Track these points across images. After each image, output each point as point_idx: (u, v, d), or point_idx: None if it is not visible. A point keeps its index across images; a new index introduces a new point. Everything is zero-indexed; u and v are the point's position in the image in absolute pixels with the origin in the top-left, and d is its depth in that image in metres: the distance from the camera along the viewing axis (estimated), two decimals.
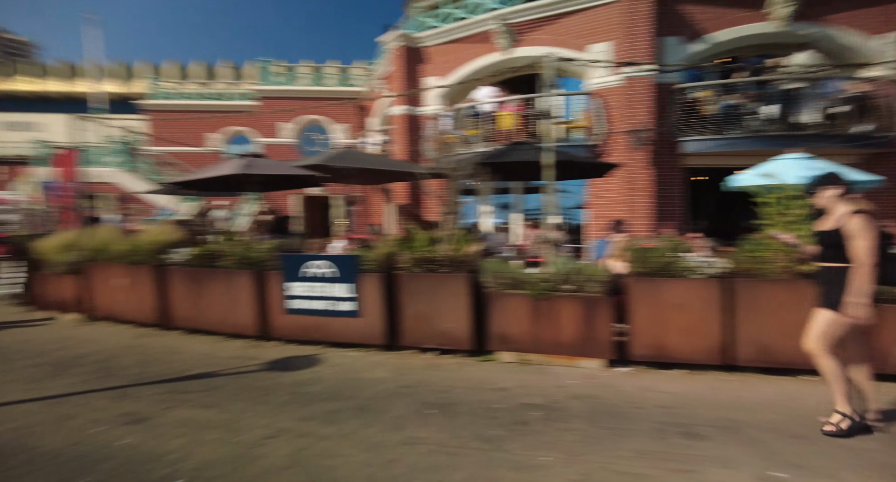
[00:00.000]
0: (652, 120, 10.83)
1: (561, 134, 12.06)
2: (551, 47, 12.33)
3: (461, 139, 13.26)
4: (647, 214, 10.91)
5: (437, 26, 14.38)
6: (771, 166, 6.44)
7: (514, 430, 3.77)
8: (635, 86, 10.94)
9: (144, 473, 3.17)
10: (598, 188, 11.69)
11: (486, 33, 13.43)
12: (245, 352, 5.98)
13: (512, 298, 5.36)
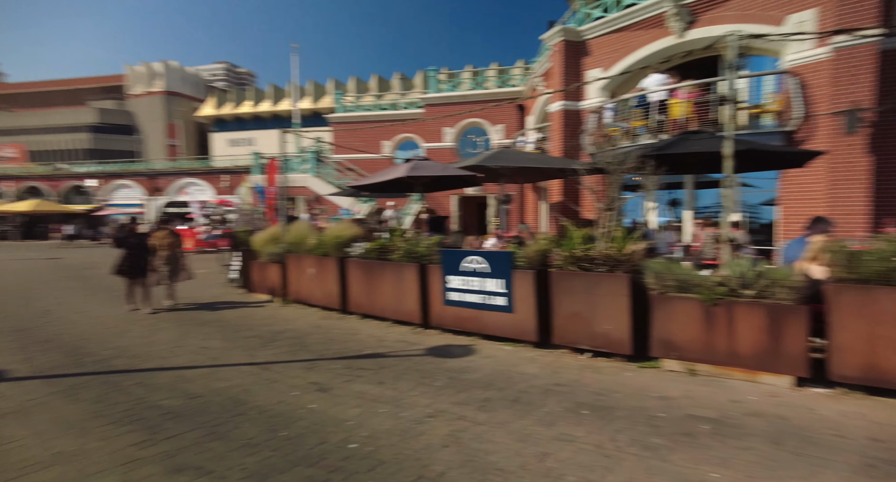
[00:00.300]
0: (873, 96, 8.94)
1: (747, 120, 10.69)
2: (736, 24, 10.97)
3: (625, 132, 12.55)
4: (862, 210, 9.07)
5: (602, 17, 13.80)
6: None
7: (678, 441, 3.47)
8: (853, 57, 9.10)
9: (327, 434, 3.65)
10: (793, 181, 10.07)
11: (658, 17, 12.49)
12: (409, 338, 6.49)
13: (680, 302, 4.92)
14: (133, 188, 41.30)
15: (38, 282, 12.22)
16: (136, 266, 8.27)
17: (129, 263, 8.23)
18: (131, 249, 8.29)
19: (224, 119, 55.46)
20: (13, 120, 61.67)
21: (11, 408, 4.12)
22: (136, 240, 8.39)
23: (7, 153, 56.60)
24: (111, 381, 4.80)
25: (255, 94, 55.89)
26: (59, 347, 6.07)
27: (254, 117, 54.43)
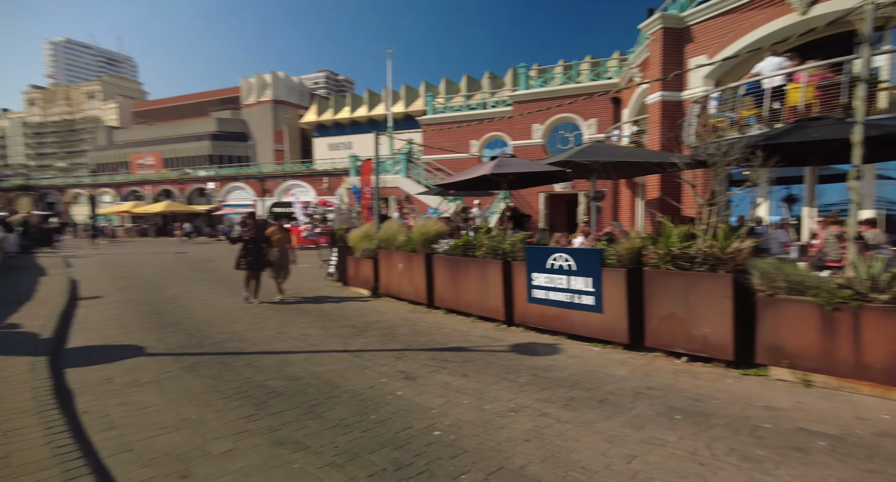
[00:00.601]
0: None
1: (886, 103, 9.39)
2: None
3: (733, 122, 11.58)
4: None
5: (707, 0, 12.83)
6: None
7: (786, 455, 3.17)
8: None
9: (412, 421, 3.79)
10: None
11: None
12: (492, 334, 6.52)
13: (793, 306, 4.47)
14: (245, 190, 45.40)
15: (168, 273, 13.86)
16: (255, 260, 8.72)
17: (248, 258, 8.68)
18: (250, 244, 8.68)
19: (324, 124, 59.10)
20: (153, 132, 70.57)
21: (149, 379, 4.74)
22: (255, 235, 8.78)
23: (147, 161, 64.84)
24: (225, 361, 5.34)
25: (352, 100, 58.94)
26: (184, 329, 6.86)
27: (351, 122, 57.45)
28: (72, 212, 54.80)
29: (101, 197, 53.23)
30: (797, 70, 10.27)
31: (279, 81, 67.53)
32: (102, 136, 76.56)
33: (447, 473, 3.00)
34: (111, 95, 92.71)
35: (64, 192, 57.17)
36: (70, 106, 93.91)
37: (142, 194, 50.63)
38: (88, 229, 30.33)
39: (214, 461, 3.12)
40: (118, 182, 53.74)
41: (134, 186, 52.08)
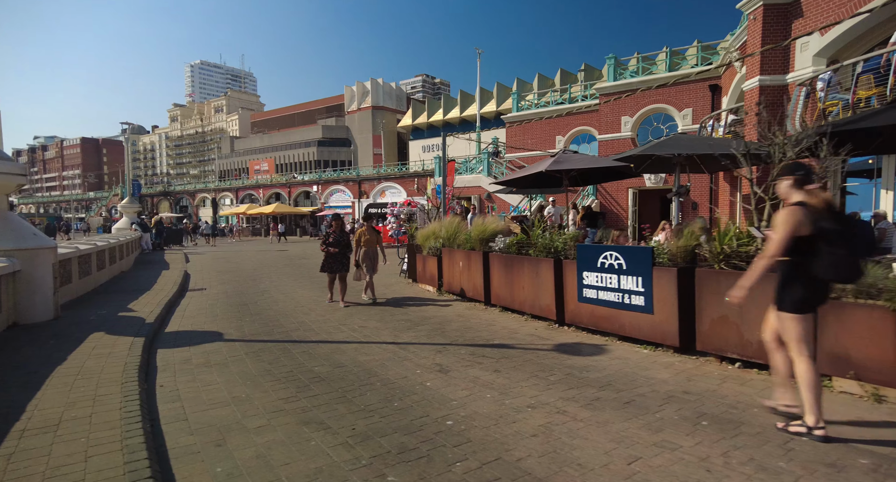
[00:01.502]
0: None
1: None
2: None
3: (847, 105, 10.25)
4: None
5: None
6: None
7: (813, 471, 2.90)
8: None
9: (431, 410, 3.98)
10: None
11: None
12: (541, 333, 6.49)
13: (860, 310, 3.99)
14: (345, 192, 48.38)
15: (265, 268, 15.34)
16: (337, 262, 8.62)
17: (331, 260, 8.62)
18: (334, 246, 8.60)
19: (419, 127, 61.11)
20: (268, 140, 77.73)
21: (218, 361, 5.41)
22: (339, 237, 8.70)
23: (263, 167, 71.58)
24: (286, 348, 5.91)
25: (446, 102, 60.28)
26: (262, 319, 7.64)
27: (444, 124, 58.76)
28: (200, 213, 62.03)
29: (222, 200, 59.77)
30: None
31: (378, 88, 70.98)
32: (226, 146, 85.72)
33: (445, 459, 3.14)
34: (234, 108, 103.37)
35: (194, 196, 64.88)
36: (202, 120, 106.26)
37: (256, 197, 56.00)
38: (207, 229, 34.17)
39: (246, 434, 3.55)
40: (236, 187, 59.81)
41: (249, 190, 57.68)
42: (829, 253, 3.18)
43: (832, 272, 3.21)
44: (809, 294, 3.32)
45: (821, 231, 3.20)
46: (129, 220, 20.92)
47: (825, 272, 3.22)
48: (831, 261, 3.18)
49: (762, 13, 12.11)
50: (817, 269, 3.23)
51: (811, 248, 3.23)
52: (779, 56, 12.19)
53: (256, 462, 3.12)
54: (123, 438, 3.23)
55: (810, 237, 3.22)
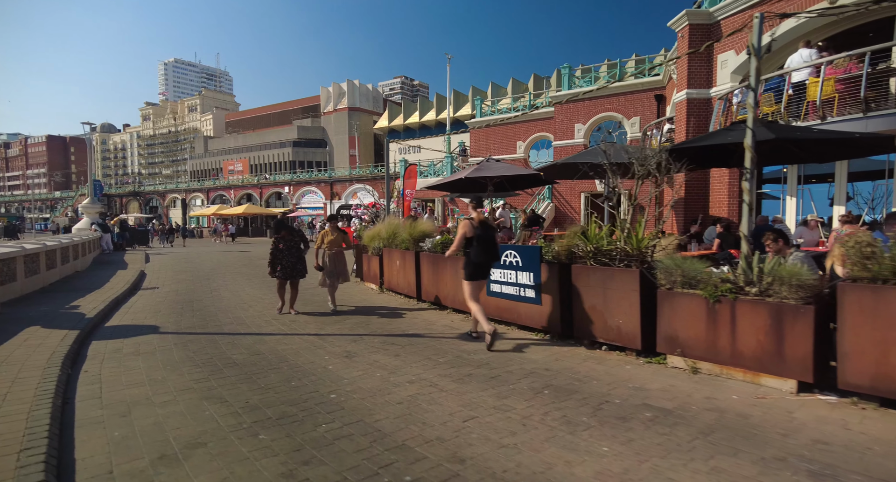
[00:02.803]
0: None
1: None
2: None
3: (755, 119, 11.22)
4: None
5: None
6: None
7: (605, 423, 3.61)
8: None
9: (321, 386, 4.57)
10: None
11: None
12: (455, 324, 7.17)
13: (684, 298, 4.76)
14: (317, 193, 48.63)
15: (224, 267, 15.71)
16: (288, 267, 7.89)
17: (281, 264, 7.88)
18: (285, 250, 7.90)
19: (396, 129, 61.63)
20: (242, 140, 77.14)
21: (147, 350, 5.91)
22: (287, 242, 7.96)
23: (237, 167, 71.06)
24: (213, 339, 6.44)
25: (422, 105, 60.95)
26: (202, 315, 8.13)
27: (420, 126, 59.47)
28: (170, 214, 61.41)
29: (193, 201, 59.29)
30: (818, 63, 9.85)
31: (354, 89, 71.20)
32: (200, 146, 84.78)
33: (314, 422, 3.76)
34: (208, 108, 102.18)
35: (164, 196, 64.17)
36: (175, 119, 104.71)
37: (227, 198, 55.75)
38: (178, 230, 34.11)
39: (151, 407, 4.10)
40: (207, 187, 59.42)
41: (220, 191, 57.39)
42: (476, 247, 6.01)
43: (479, 257, 6.02)
44: (473, 270, 6.07)
45: (475, 235, 6.01)
46: (89, 220, 20.97)
47: (476, 257, 6.02)
48: (476, 251, 6.01)
49: (688, 32, 13.09)
50: (473, 256, 6.02)
51: (472, 244, 6.02)
52: (703, 72, 13.18)
53: (152, 428, 3.69)
54: (31, 411, 3.76)
55: (472, 238, 6.03)
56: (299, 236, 8.20)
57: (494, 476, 2.91)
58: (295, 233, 8.21)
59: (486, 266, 6.16)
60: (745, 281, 4.36)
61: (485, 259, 6.05)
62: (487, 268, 6.20)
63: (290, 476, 2.95)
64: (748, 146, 4.74)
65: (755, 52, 4.71)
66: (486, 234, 6.02)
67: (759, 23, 4.67)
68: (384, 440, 3.42)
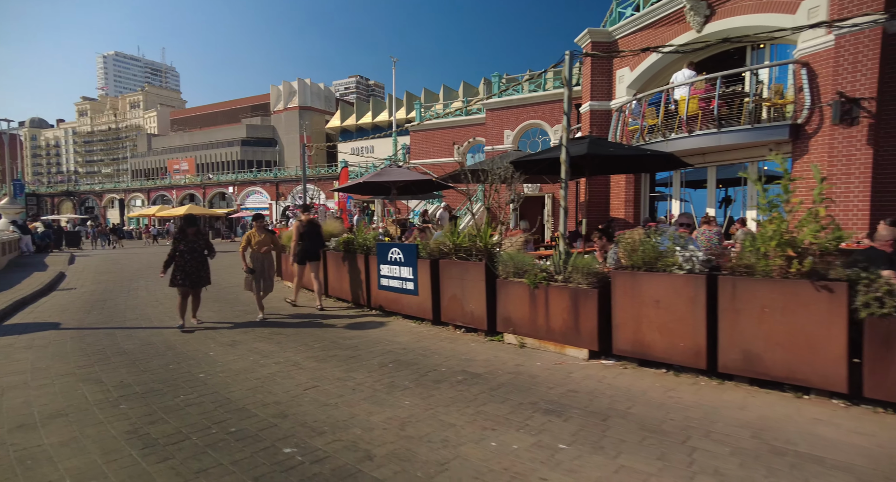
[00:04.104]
0: (875, 85, 8.18)
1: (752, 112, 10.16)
2: (753, 14, 10.63)
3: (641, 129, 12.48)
4: (861, 206, 8.38)
5: (632, 15, 13.73)
6: None
7: (421, 385, 4.41)
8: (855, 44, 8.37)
9: (196, 369, 5.14)
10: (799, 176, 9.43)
11: (678, 12, 12.31)
12: (352, 316, 7.84)
13: (514, 286, 5.63)
14: (262, 194, 48.09)
15: (152, 268, 15.72)
16: (191, 273, 7.04)
17: (183, 270, 7.01)
18: (187, 254, 7.04)
19: (348, 129, 61.55)
20: (188, 138, 74.84)
21: (40, 344, 6.27)
22: (190, 244, 7.08)
23: (183, 166, 68.90)
24: (112, 333, 6.85)
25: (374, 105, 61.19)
26: (110, 312, 8.45)
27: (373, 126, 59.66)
28: (108, 215, 58.98)
29: (133, 201, 57.24)
30: (683, 84, 11.15)
31: (305, 88, 70.50)
32: (143, 144, 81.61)
33: (174, 394, 4.35)
34: (152, 104, 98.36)
35: (101, 197, 61.58)
36: (116, 115, 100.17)
37: (169, 198, 54.22)
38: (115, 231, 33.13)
39: (26, 390, 4.57)
40: (147, 187, 57.53)
41: (162, 191, 55.70)
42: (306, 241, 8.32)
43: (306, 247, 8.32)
44: (303, 256, 8.39)
45: (305, 231, 8.33)
46: (7, 221, 20.33)
47: (305, 247, 8.33)
48: (305, 245, 8.28)
49: (591, 48, 14.28)
50: (305, 246, 8.33)
51: (303, 239, 8.31)
52: (605, 86, 14.42)
53: (20, 405, 4.17)
54: None
55: (304, 233, 8.29)
56: (204, 241, 7.29)
57: (305, 424, 3.62)
58: (201, 236, 7.30)
59: (312, 252, 8.46)
60: (555, 270, 5.27)
61: (311, 247, 8.43)
62: (314, 254, 8.53)
63: (133, 432, 3.55)
64: (563, 160, 5.65)
65: (566, 83, 5.63)
66: (312, 231, 8.50)
67: (569, 59, 5.59)
68: (228, 405, 4.07)
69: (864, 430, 3.21)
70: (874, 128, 8.13)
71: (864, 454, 2.90)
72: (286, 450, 3.21)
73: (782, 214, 3.81)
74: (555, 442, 3.23)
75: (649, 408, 3.72)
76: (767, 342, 3.88)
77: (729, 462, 2.87)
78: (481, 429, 3.46)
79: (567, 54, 5.56)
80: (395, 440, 3.32)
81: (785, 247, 3.71)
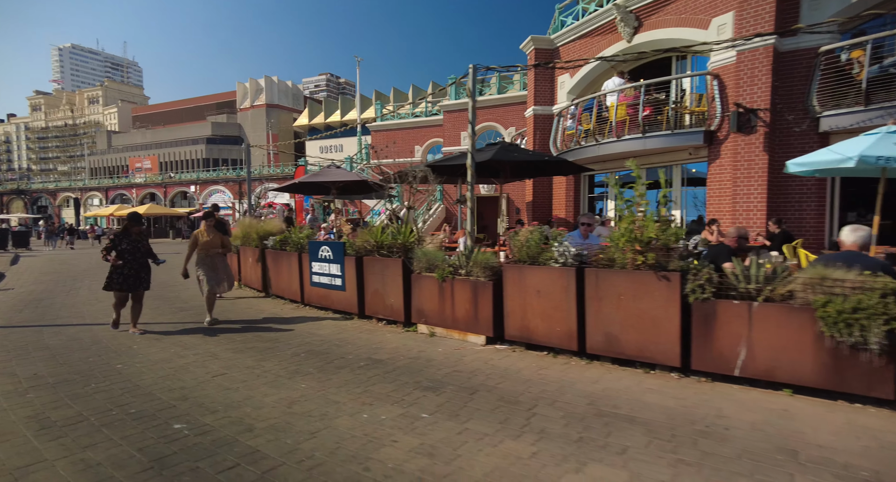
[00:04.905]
0: (769, 97, 8.97)
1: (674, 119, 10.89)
2: (674, 28, 11.37)
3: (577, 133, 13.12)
4: (760, 206, 9.15)
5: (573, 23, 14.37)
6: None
7: (323, 371, 4.78)
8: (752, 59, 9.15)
9: (114, 360, 5.35)
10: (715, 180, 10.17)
11: (611, 23, 12.99)
12: (283, 311, 8.14)
13: (426, 280, 6.07)
14: (224, 193, 47.44)
15: (99, 268, 15.60)
16: (130, 276, 6.62)
17: (120, 273, 6.57)
18: (128, 255, 6.61)
19: (317, 128, 61.14)
20: (151, 136, 72.98)
21: None
22: (133, 243, 6.69)
23: (145, 164, 67.12)
24: (40, 330, 6.96)
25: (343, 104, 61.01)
26: (43, 311, 8.51)
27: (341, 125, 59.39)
28: (63, 214, 57.10)
29: (90, 200, 55.57)
30: (613, 91, 11.83)
31: (273, 85, 69.69)
32: (102, 141, 79.12)
33: (86, 383, 4.59)
34: (112, 100, 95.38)
35: (55, 195, 59.55)
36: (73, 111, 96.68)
37: (128, 197, 52.87)
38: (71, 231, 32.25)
39: None
40: (105, 186, 55.95)
41: (121, 190, 54.28)
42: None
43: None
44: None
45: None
46: None
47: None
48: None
49: (534, 55, 14.90)
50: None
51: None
52: (547, 91, 15.06)
53: None
54: None
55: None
56: (147, 246, 6.91)
57: (202, 405, 3.96)
58: (144, 237, 6.97)
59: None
60: (459, 265, 5.73)
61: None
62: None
63: (33, 417, 3.81)
64: (469, 165, 6.12)
65: (470, 95, 6.10)
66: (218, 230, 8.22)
67: (473, 71, 6.07)
68: (135, 391, 4.37)
69: (679, 396, 3.76)
70: (769, 136, 8.91)
71: (667, 413, 3.44)
72: (176, 425, 3.55)
73: (634, 214, 4.35)
74: (420, 412, 3.66)
75: (515, 384, 4.21)
76: (623, 325, 4.42)
77: (557, 423, 3.37)
78: (361, 404, 3.87)
79: (471, 68, 6.04)
80: (279, 416, 3.70)
81: (633, 243, 4.25)
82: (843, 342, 3.38)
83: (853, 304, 3.29)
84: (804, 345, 3.58)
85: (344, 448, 3.12)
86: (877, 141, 5.30)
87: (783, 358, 3.67)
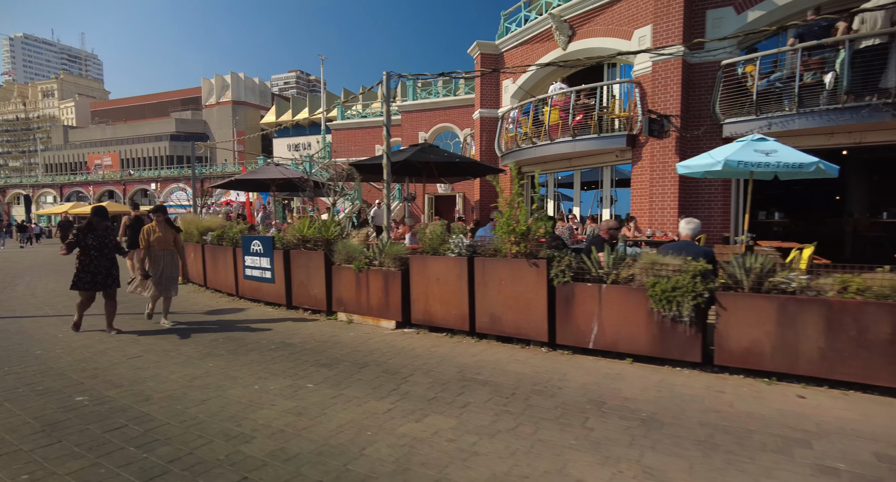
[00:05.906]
0: (680, 104, 9.73)
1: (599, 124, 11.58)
2: (604, 38, 12.06)
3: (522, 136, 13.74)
4: (672, 205, 9.90)
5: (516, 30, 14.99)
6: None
7: (234, 353, 5.17)
8: (665, 69, 9.90)
9: (35, 348, 5.60)
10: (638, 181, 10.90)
11: (548, 32, 13.65)
12: (219, 305, 8.43)
13: (345, 271, 6.51)
14: (186, 191, 46.63)
15: (44, 266, 15.47)
16: (99, 274, 6.24)
17: (89, 272, 6.19)
18: (94, 251, 6.19)
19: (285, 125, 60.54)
20: (111, 132, 70.78)
21: None
22: (100, 239, 6.24)
23: (105, 161, 65.12)
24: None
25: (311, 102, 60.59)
26: None
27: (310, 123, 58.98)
28: (12, 212, 55.01)
29: (42, 198, 53.72)
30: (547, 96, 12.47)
31: (239, 82, 68.65)
32: (58, 136, 76.33)
33: (4, 372, 4.86)
34: (69, 94, 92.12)
35: (6, 192, 57.30)
36: (25, 104, 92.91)
37: (85, 195, 51.35)
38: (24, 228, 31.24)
39: None
40: (59, 183, 54.18)
41: (77, 187, 52.67)
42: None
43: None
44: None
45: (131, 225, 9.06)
46: None
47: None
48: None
49: (480, 60, 15.49)
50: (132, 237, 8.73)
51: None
52: (493, 95, 15.68)
53: None
54: None
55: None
56: (114, 240, 6.48)
57: (109, 382, 4.30)
58: (111, 232, 6.50)
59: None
60: (373, 256, 6.18)
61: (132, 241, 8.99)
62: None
63: None
64: (385, 165, 6.59)
65: (385, 100, 6.57)
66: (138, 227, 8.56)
67: (386, 78, 6.54)
68: (48, 372, 4.66)
69: (537, 365, 4.32)
70: (680, 140, 9.67)
71: (518, 378, 3.99)
72: (78, 398, 3.89)
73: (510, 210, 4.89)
74: (307, 384, 4.11)
75: (404, 360, 4.69)
76: (504, 307, 4.96)
77: (422, 388, 3.86)
78: (256, 378, 4.29)
79: (385, 74, 6.50)
80: (178, 388, 4.08)
81: (510, 234, 4.79)
82: (666, 316, 3.99)
83: (672, 284, 3.89)
84: (639, 320, 4.18)
85: (226, 411, 3.54)
86: (741, 148, 5.99)
87: (624, 331, 4.27)
